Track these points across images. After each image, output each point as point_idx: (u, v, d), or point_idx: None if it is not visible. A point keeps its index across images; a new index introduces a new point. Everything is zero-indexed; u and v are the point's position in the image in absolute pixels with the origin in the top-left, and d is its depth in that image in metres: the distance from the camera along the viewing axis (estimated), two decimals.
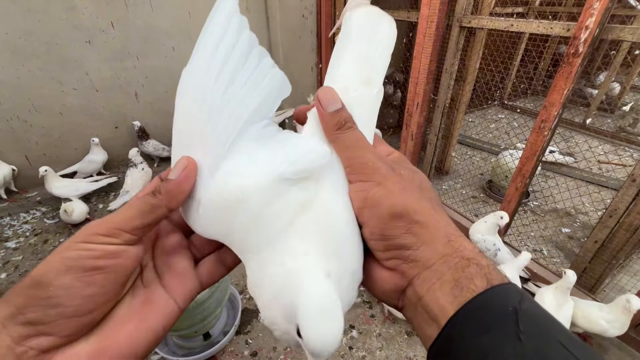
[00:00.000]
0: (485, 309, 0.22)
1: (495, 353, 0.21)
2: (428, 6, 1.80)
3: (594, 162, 2.75)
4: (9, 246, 1.94)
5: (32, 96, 2.22)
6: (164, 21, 2.44)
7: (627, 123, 3.37)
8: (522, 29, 1.54)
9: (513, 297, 0.23)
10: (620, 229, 1.41)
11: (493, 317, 0.22)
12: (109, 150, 2.52)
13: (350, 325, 1.54)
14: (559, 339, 0.21)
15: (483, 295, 0.23)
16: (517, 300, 0.22)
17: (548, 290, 1.41)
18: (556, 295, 1.38)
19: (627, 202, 1.35)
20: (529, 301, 0.23)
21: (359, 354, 1.42)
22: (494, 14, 2.85)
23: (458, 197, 2.40)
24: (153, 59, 2.52)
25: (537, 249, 2.00)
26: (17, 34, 2.05)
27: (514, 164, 1.94)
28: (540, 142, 1.50)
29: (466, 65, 2.20)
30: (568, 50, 1.32)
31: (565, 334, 0.21)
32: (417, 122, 2.14)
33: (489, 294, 0.23)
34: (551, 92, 1.41)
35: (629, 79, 3.56)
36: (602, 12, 1.21)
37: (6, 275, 1.74)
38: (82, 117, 2.44)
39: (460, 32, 1.87)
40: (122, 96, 2.53)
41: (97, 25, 2.25)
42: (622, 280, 1.68)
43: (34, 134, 2.32)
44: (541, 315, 0.22)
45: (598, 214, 2.08)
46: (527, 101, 4.35)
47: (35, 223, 2.13)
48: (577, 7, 3.52)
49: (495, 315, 0.22)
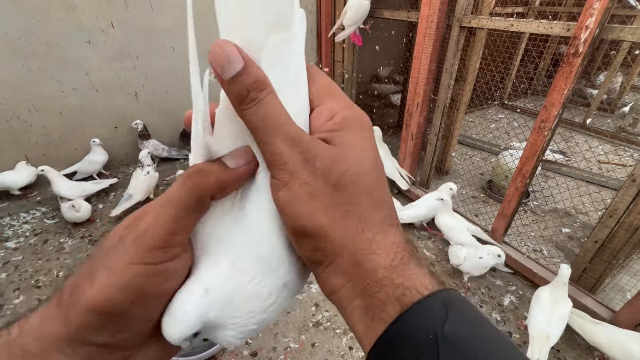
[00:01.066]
0: (401, 340, 0.19)
1: None
2: (428, 6, 1.80)
3: (594, 162, 2.75)
4: (9, 246, 1.94)
5: (32, 96, 2.22)
6: (164, 21, 2.44)
7: (627, 123, 3.37)
8: (522, 29, 1.54)
9: (435, 317, 0.19)
10: (620, 229, 1.41)
11: (410, 351, 0.19)
12: (108, 150, 2.52)
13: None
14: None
15: (396, 324, 0.20)
16: (440, 321, 0.19)
17: (544, 288, 1.41)
18: (552, 291, 1.37)
19: (627, 202, 1.35)
20: (458, 316, 0.20)
21: (359, 354, 1.42)
22: (494, 13, 2.85)
23: (458, 197, 2.40)
24: (153, 59, 2.52)
25: (537, 249, 2.00)
26: (17, 33, 2.05)
27: (514, 164, 1.94)
28: (541, 142, 1.50)
29: (466, 65, 2.20)
30: (568, 50, 1.32)
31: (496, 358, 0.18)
32: (417, 122, 2.14)
33: (405, 319, 0.20)
34: (551, 92, 1.41)
35: (629, 79, 3.56)
36: (602, 12, 1.20)
37: (6, 275, 1.74)
38: (82, 117, 2.44)
39: (460, 32, 1.87)
40: (122, 96, 2.53)
41: (97, 25, 2.25)
42: (622, 280, 1.68)
43: (34, 134, 2.32)
44: (472, 336, 0.19)
45: (598, 214, 2.08)
46: (527, 101, 4.34)
47: (35, 223, 2.13)
48: (577, 7, 3.52)
49: (413, 347, 0.19)
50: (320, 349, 1.43)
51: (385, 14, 2.27)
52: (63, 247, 1.94)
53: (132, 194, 2.11)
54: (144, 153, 2.22)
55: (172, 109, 2.77)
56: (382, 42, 3.31)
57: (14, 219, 2.16)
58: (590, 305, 1.51)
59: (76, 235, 2.03)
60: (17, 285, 1.68)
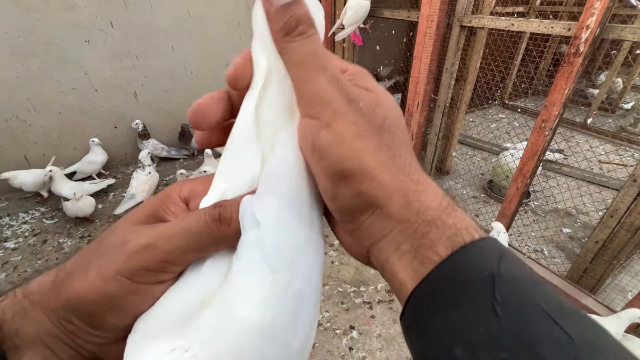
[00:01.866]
0: (452, 279, 0.18)
1: (463, 335, 0.17)
2: (428, 5, 1.79)
3: (595, 162, 2.75)
4: (8, 246, 1.94)
5: (31, 96, 2.21)
6: (163, 20, 2.44)
7: (628, 123, 3.37)
8: (522, 28, 1.53)
9: (490, 257, 0.19)
10: (621, 229, 1.40)
11: (462, 288, 0.18)
12: (107, 150, 2.52)
13: (350, 325, 1.54)
14: (546, 309, 0.16)
15: (448, 262, 0.19)
16: (494, 261, 0.18)
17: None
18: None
19: (628, 202, 1.35)
20: (511, 260, 0.19)
21: (359, 355, 1.41)
22: (495, 13, 2.84)
23: (459, 197, 2.40)
24: (152, 59, 2.51)
25: (538, 249, 2.00)
26: (16, 33, 2.04)
27: (515, 164, 1.94)
28: (541, 142, 1.49)
29: (467, 65, 2.19)
30: (569, 49, 1.32)
31: (555, 302, 0.17)
32: (417, 122, 2.14)
33: (458, 257, 0.19)
34: (552, 91, 1.40)
35: (629, 79, 3.55)
36: (603, 12, 1.20)
37: (5, 276, 1.74)
38: (81, 116, 2.43)
39: (460, 31, 1.86)
40: (121, 96, 2.52)
41: (97, 24, 2.25)
42: (623, 280, 1.68)
43: (33, 134, 2.32)
44: (525, 278, 0.18)
45: (599, 214, 2.08)
46: (527, 101, 4.34)
47: (35, 223, 2.13)
48: (578, 7, 3.51)
49: (465, 284, 0.18)
50: (320, 349, 1.43)
51: (385, 14, 2.27)
52: (62, 247, 1.94)
53: (134, 193, 2.11)
54: (144, 153, 2.21)
55: (172, 109, 2.77)
56: (382, 41, 3.30)
57: (13, 219, 2.15)
58: (591, 305, 1.50)
59: (75, 235, 2.02)
60: (16, 286, 1.68)
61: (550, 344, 0.15)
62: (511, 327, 0.16)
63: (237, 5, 2.68)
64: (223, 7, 2.63)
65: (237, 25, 2.75)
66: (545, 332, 0.15)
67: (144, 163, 2.18)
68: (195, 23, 2.55)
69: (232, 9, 2.67)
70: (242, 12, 2.72)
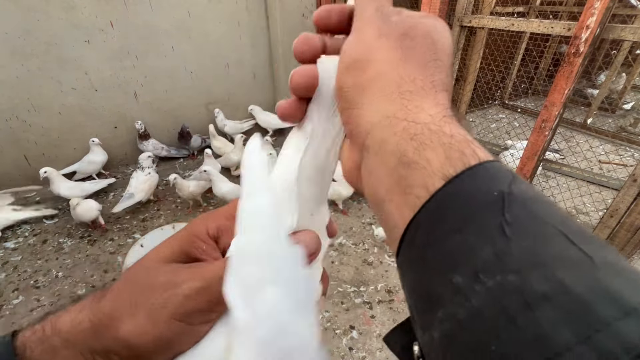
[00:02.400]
0: (457, 199, 0.16)
1: (464, 260, 0.14)
2: (428, 6, 1.79)
3: (594, 162, 2.75)
4: (8, 246, 1.94)
5: (31, 96, 2.21)
6: (163, 20, 2.44)
7: (628, 123, 3.36)
8: (522, 28, 1.54)
9: (501, 178, 0.16)
10: (621, 229, 1.40)
11: (467, 211, 0.15)
12: (107, 150, 2.52)
13: (350, 325, 1.53)
14: (562, 230, 0.14)
15: (454, 183, 0.16)
16: (506, 182, 0.16)
17: None
18: None
19: (628, 202, 1.35)
20: (523, 183, 0.16)
21: (359, 355, 1.41)
22: (495, 13, 2.84)
23: None
24: (152, 59, 2.51)
25: None
26: (16, 33, 2.04)
27: (515, 164, 1.94)
28: (541, 142, 1.49)
29: (467, 65, 2.19)
30: (569, 49, 1.32)
31: (572, 225, 0.15)
32: None
33: (466, 175, 0.16)
34: (552, 91, 1.40)
35: (630, 79, 3.55)
36: (603, 12, 1.20)
37: (5, 276, 1.74)
38: (81, 117, 2.43)
39: (460, 31, 1.86)
40: (121, 96, 2.52)
41: (96, 24, 2.25)
42: None
43: (33, 134, 2.32)
44: (539, 200, 0.16)
45: (599, 214, 2.08)
46: (527, 101, 4.33)
47: (34, 223, 2.13)
48: (578, 7, 3.51)
49: (469, 207, 0.16)
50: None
51: None
52: (62, 247, 1.94)
53: (133, 192, 2.10)
54: (145, 156, 2.21)
55: (172, 109, 2.77)
56: None
57: None
58: None
59: (75, 236, 2.02)
60: (16, 286, 1.68)
61: (567, 264, 0.13)
62: (522, 247, 0.14)
63: (237, 5, 2.68)
64: (223, 7, 2.63)
65: (237, 25, 2.76)
66: (561, 252, 0.13)
67: (143, 165, 2.18)
68: (195, 23, 2.55)
69: (232, 9, 2.67)
70: (242, 12, 2.72)
